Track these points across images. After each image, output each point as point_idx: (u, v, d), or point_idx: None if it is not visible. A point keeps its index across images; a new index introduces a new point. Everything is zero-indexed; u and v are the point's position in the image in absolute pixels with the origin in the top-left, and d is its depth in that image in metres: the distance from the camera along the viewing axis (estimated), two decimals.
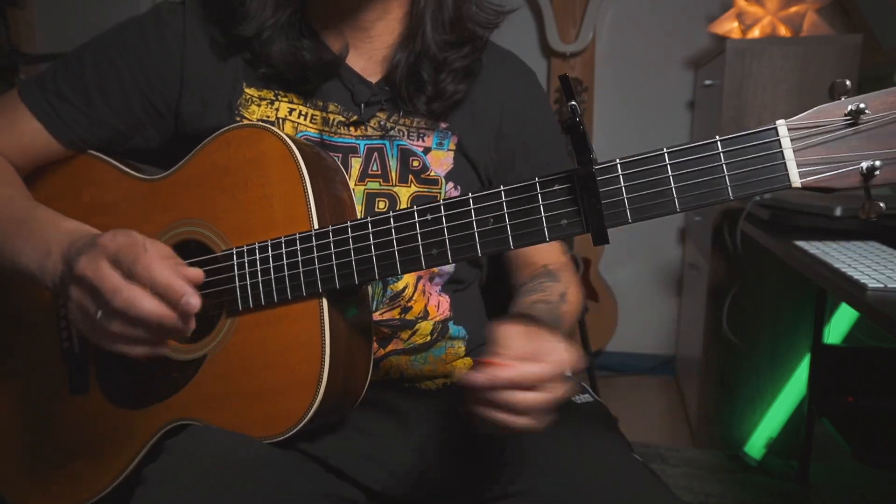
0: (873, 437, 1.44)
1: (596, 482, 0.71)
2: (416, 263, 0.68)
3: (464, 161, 0.88)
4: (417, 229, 0.67)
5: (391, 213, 0.68)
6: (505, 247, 0.65)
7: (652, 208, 0.60)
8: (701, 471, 2.00)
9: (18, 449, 0.86)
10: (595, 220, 0.60)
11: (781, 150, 0.57)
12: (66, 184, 0.85)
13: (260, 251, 0.73)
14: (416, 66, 0.83)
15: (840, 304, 1.84)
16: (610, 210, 0.60)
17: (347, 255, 0.70)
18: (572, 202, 0.62)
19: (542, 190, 0.63)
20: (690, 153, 0.59)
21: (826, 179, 0.56)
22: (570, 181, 0.62)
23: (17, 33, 2.36)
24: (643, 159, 0.60)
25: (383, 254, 0.69)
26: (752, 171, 0.57)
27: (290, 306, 0.72)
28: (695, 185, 0.59)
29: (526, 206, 0.63)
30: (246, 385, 0.74)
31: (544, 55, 2.71)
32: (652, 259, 2.75)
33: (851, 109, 0.55)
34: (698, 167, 0.58)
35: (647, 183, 0.60)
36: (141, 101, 0.82)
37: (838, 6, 2.23)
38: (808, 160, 0.56)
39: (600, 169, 0.61)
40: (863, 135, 0.55)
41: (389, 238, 0.68)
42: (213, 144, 0.77)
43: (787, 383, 2.04)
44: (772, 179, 0.57)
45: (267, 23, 0.78)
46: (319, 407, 0.70)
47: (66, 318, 0.84)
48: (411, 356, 0.85)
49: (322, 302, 0.71)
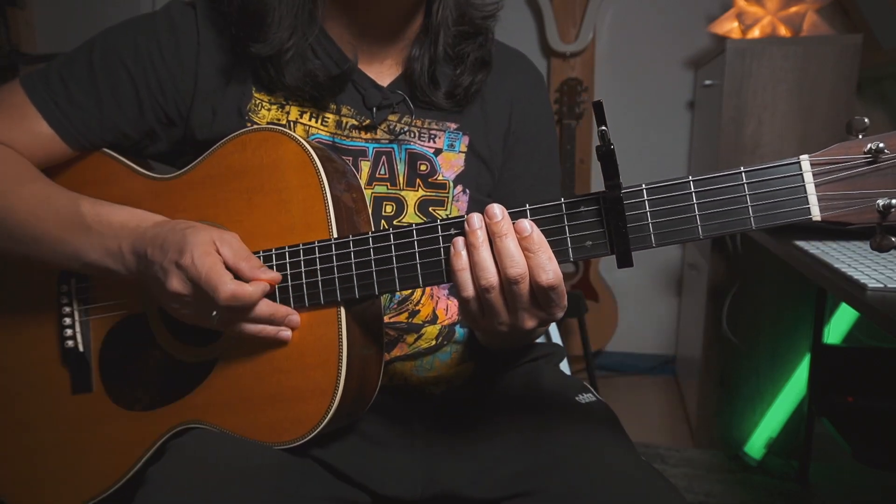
0: (873, 437, 1.44)
1: (602, 482, 0.70)
2: (439, 277, 0.68)
3: (476, 162, 0.88)
4: (440, 243, 0.67)
5: (414, 226, 0.68)
6: None
7: (676, 234, 0.61)
8: (701, 471, 2.00)
9: (19, 447, 0.86)
10: (621, 243, 0.61)
11: (804, 185, 0.58)
12: (78, 181, 0.84)
13: (277, 258, 0.73)
14: (433, 65, 0.83)
15: (840, 304, 1.84)
16: (635, 234, 0.61)
17: (368, 265, 0.69)
18: (598, 224, 0.63)
19: (567, 210, 0.63)
20: (715, 182, 0.60)
21: (844, 214, 0.58)
22: (596, 203, 0.63)
23: (17, 33, 2.36)
24: (669, 186, 0.61)
25: (405, 266, 0.68)
26: (775, 203, 0.59)
27: (307, 312, 0.72)
28: (718, 213, 0.60)
29: (551, 225, 0.64)
30: (258, 390, 0.73)
31: (544, 55, 2.71)
32: (652, 259, 2.75)
33: (872, 148, 0.56)
34: (722, 196, 0.60)
35: (673, 209, 0.61)
36: (154, 110, 0.82)
37: (838, 6, 2.23)
38: (828, 195, 0.58)
39: (627, 193, 0.61)
40: (882, 173, 0.57)
41: (412, 251, 0.68)
42: (228, 146, 0.76)
43: (787, 383, 2.04)
44: (793, 212, 0.58)
45: (284, 46, 0.77)
46: (335, 413, 0.71)
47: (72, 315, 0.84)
48: (416, 361, 0.85)
49: (340, 310, 0.71)
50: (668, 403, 2.55)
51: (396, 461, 0.81)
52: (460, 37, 0.84)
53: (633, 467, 0.73)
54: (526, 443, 0.78)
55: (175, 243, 0.69)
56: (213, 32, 0.81)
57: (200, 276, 0.66)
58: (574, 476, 0.72)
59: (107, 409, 0.81)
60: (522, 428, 0.81)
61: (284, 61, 0.78)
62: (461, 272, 0.63)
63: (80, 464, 0.82)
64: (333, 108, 0.83)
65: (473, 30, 0.85)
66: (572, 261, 0.64)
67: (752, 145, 1.96)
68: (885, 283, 0.97)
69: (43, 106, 0.80)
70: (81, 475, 0.82)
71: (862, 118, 0.57)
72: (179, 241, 0.68)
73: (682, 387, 2.58)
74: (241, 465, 0.68)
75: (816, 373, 1.80)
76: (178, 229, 0.70)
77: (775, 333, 2.03)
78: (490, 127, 0.89)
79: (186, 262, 0.67)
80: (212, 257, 0.67)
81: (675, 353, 2.78)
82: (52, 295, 0.85)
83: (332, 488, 0.76)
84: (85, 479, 0.81)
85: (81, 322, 0.84)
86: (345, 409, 0.72)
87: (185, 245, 0.68)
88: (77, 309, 0.84)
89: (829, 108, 1.91)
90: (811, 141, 1.92)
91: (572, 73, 2.63)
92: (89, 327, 0.84)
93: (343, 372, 0.70)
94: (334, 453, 0.78)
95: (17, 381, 0.87)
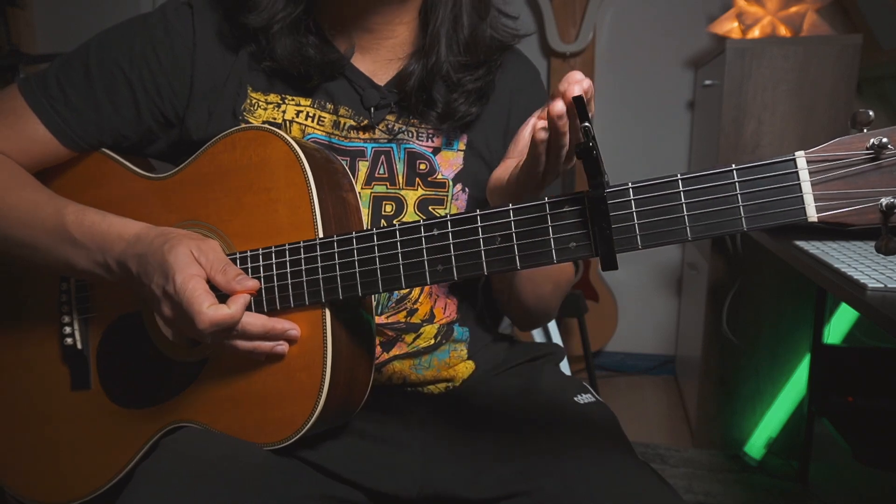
0: (873, 437, 1.45)
1: (600, 483, 0.70)
2: (422, 278, 0.66)
3: (475, 160, 0.88)
4: (423, 244, 0.66)
5: (397, 227, 0.67)
6: (511, 267, 0.63)
7: (663, 235, 0.58)
8: (701, 471, 2.00)
9: (23, 441, 0.86)
10: (605, 245, 0.59)
11: (799, 183, 0.55)
12: (75, 181, 0.85)
13: (264, 258, 0.72)
14: (429, 83, 0.82)
15: (840, 304, 1.84)
16: (620, 235, 0.59)
17: (351, 266, 0.69)
18: (582, 225, 0.60)
19: (551, 211, 0.61)
20: (705, 181, 0.57)
21: (843, 215, 0.54)
22: (580, 203, 0.60)
23: (17, 33, 2.36)
24: (656, 185, 0.58)
25: (388, 267, 0.67)
26: (768, 202, 0.55)
27: (293, 313, 0.72)
28: (708, 213, 0.57)
29: (534, 226, 0.62)
30: (245, 390, 0.73)
31: (544, 55, 2.71)
32: (651, 259, 2.75)
33: (874, 144, 0.52)
34: (712, 195, 0.56)
35: (660, 209, 0.58)
36: (151, 111, 0.82)
37: (838, 6, 2.23)
38: (825, 194, 0.54)
39: (611, 193, 0.59)
40: (884, 170, 0.53)
41: (395, 252, 0.67)
42: (218, 145, 0.76)
43: (787, 383, 2.04)
44: (787, 212, 0.55)
45: (276, 16, 0.77)
46: (319, 416, 0.70)
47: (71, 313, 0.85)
48: (414, 360, 0.85)
49: (325, 311, 0.71)
50: (668, 403, 2.55)
51: (393, 459, 0.81)
52: (463, 68, 0.82)
53: (630, 468, 0.73)
54: (523, 443, 0.78)
55: (158, 265, 0.68)
56: (209, 31, 0.81)
57: (183, 304, 0.66)
58: (571, 476, 0.72)
59: (104, 406, 0.82)
60: (520, 428, 0.81)
61: (277, 30, 0.78)
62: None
63: (80, 459, 0.82)
64: (331, 107, 0.83)
65: (475, 61, 0.83)
66: (556, 262, 0.61)
67: (752, 145, 1.96)
68: (885, 283, 0.97)
69: (41, 111, 0.80)
70: (80, 471, 0.82)
71: (867, 111, 0.53)
72: (161, 263, 0.68)
73: (682, 387, 2.58)
74: (229, 463, 0.69)
75: (816, 373, 1.80)
76: (156, 247, 0.70)
77: (775, 333, 2.03)
78: (489, 124, 0.89)
79: (171, 290, 0.67)
80: (193, 281, 0.66)
81: (675, 353, 2.78)
82: (53, 293, 0.86)
83: (323, 486, 0.76)
84: (83, 474, 0.82)
85: (80, 320, 0.84)
86: (331, 411, 0.72)
87: (167, 268, 0.67)
88: (76, 307, 0.85)
89: (829, 108, 1.91)
90: (811, 141, 1.91)
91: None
92: (88, 325, 0.84)
93: (328, 374, 0.70)
94: (328, 451, 0.78)
95: (20, 378, 0.87)
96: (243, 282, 0.70)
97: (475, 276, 0.64)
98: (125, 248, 0.72)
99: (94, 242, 0.74)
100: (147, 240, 0.71)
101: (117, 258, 0.72)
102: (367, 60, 0.85)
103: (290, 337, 0.71)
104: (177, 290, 0.66)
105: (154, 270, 0.69)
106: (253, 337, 0.70)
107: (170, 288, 0.67)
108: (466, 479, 0.78)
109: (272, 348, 0.71)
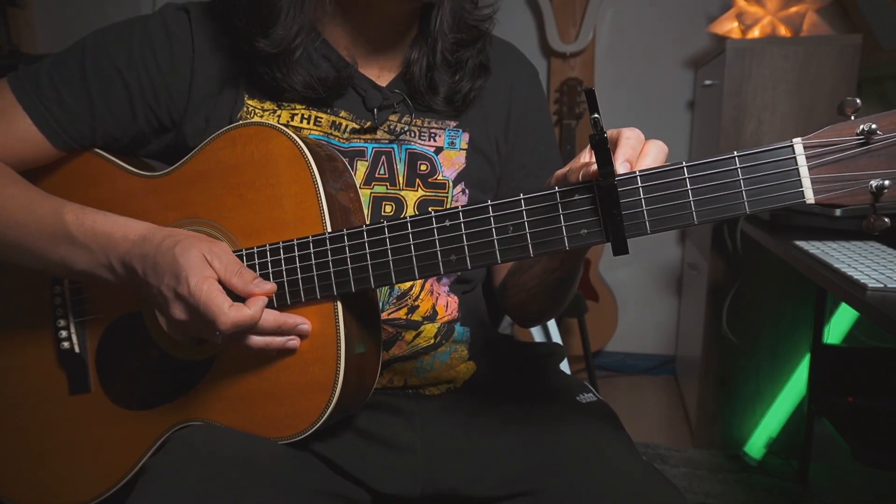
0: (873, 437, 1.45)
1: (603, 482, 0.70)
2: (435, 269, 0.67)
3: (477, 158, 0.88)
4: (436, 235, 0.67)
5: (408, 219, 0.68)
6: (525, 254, 0.65)
7: (670, 220, 0.61)
8: (701, 471, 2.00)
9: (20, 449, 0.86)
10: (616, 231, 0.61)
11: (797, 168, 0.58)
12: (66, 180, 0.84)
13: (272, 253, 0.72)
14: (431, 70, 0.83)
15: (840, 304, 1.84)
16: (630, 221, 0.61)
17: (363, 259, 0.69)
18: (593, 212, 0.63)
19: (562, 199, 0.63)
20: (709, 167, 0.60)
21: (837, 197, 0.58)
22: (590, 191, 0.63)
23: (17, 33, 2.36)
24: (662, 172, 0.61)
25: (401, 259, 0.68)
26: (768, 186, 0.59)
27: (303, 308, 0.72)
28: (712, 198, 0.60)
29: (546, 214, 0.64)
30: (257, 386, 0.73)
31: (544, 55, 2.71)
32: (652, 259, 2.75)
33: (864, 129, 0.56)
34: (716, 181, 0.60)
35: (666, 196, 0.61)
36: (147, 115, 0.81)
37: (838, 6, 2.23)
38: (821, 177, 0.58)
39: (620, 180, 0.61)
40: (874, 154, 0.57)
41: (407, 244, 0.68)
42: (218, 142, 0.76)
43: (787, 383, 2.04)
44: (787, 195, 0.59)
45: (292, 44, 0.77)
46: (335, 407, 0.70)
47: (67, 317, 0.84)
48: (416, 362, 0.85)
49: (337, 304, 0.71)
50: (668, 403, 2.55)
51: (396, 459, 0.81)
52: (458, 44, 0.84)
53: (633, 467, 0.73)
54: (526, 442, 0.79)
55: (168, 267, 0.68)
56: (207, 38, 0.81)
57: (199, 306, 0.66)
58: (574, 476, 0.72)
59: (106, 409, 0.81)
60: (523, 427, 0.81)
61: (293, 60, 0.77)
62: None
63: (81, 464, 0.82)
64: (328, 110, 0.83)
65: (471, 36, 0.85)
66: (567, 249, 0.64)
67: (752, 145, 1.95)
68: (885, 283, 0.97)
69: (33, 109, 0.79)
70: (83, 475, 0.82)
71: (854, 98, 0.57)
72: (171, 264, 0.68)
73: (682, 387, 2.58)
74: (241, 456, 0.69)
75: (816, 373, 1.80)
76: (165, 248, 0.69)
77: (775, 333, 2.04)
78: (490, 121, 0.89)
79: (184, 291, 0.67)
80: (207, 283, 0.67)
81: (675, 353, 2.78)
82: (45, 297, 0.85)
83: (331, 483, 0.77)
84: (87, 478, 0.81)
85: (76, 323, 0.84)
86: (344, 402, 0.72)
87: (179, 270, 0.67)
88: (71, 310, 0.84)
89: (829, 108, 1.91)
90: None
91: (572, 73, 2.63)
92: (84, 328, 0.84)
93: (342, 366, 0.70)
94: (334, 449, 0.78)
95: (14, 384, 0.86)
96: (261, 285, 0.70)
97: (489, 264, 0.67)
98: (130, 249, 0.71)
99: (97, 242, 0.73)
100: (155, 241, 0.71)
101: (122, 259, 0.72)
102: (371, 66, 0.85)
103: (302, 332, 0.72)
104: (191, 292, 0.66)
105: (164, 272, 0.68)
106: (265, 333, 0.70)
107: (182, 290, 0.67)
108: (469, 478, 0.78)
109: (284, 343, 0.71)
